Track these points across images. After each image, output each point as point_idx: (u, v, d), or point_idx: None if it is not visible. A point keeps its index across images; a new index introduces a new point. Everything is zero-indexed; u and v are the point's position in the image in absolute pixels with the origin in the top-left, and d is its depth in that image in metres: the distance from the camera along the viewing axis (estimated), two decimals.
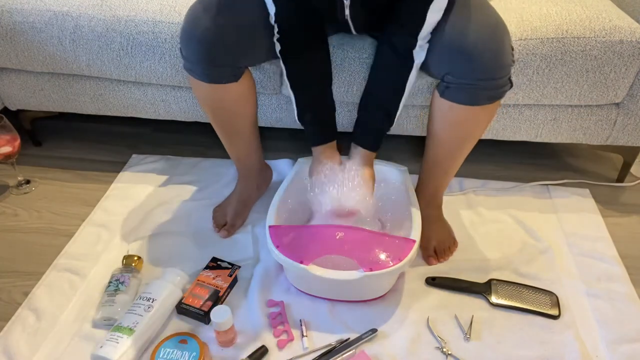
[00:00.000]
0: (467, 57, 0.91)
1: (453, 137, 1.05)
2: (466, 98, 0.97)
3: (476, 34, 0.91)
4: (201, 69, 1.00)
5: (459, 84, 0.95)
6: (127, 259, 1.12)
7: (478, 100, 0.97)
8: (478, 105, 0.97)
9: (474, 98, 0.96)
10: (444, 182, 1.17)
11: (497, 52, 0.92)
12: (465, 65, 0.92)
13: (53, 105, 1.41)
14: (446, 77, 0.96)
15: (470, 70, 0.93)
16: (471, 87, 0.95)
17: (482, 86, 0.94)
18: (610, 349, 0.98)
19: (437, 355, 0.98)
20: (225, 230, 1.22)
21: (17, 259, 1.18)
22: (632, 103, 1.23)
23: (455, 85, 0.96)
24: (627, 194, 1.40)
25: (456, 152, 1.08)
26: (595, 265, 1.16)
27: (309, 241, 1.01)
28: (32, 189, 1.39)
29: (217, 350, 0.98)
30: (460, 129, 1.03)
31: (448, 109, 1.00)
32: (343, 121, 1.33)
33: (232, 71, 1.02)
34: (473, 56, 0.91)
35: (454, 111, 0.99)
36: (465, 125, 1.02)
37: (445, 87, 0.98)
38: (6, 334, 1.00)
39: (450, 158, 1.10)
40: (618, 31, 1.11)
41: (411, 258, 0.98)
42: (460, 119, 1.01)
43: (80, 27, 1.21)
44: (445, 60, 0.95)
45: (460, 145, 1.07)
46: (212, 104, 1.08)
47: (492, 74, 0.93)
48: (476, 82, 0.94)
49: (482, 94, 0.96)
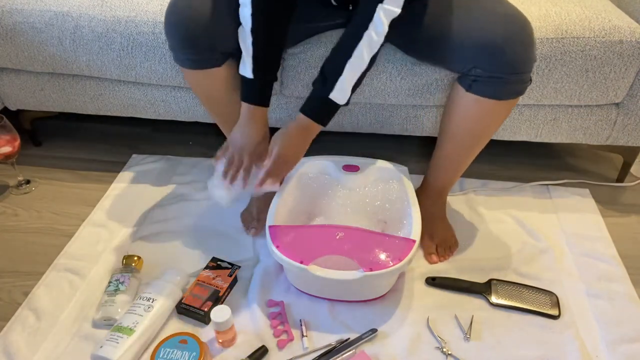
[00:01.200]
0: (499, 50, 0.92)
1: (470, 132, 1.06)
2: (493, 92, 0.97)
3: (507, 28, 0.92)
4: (184, 55, 1.02)
5: (488, 77, 0.96)
6: (127, 259, 1.12)
7: (503, 94, 0.98)
8: (503, 100, 0.98)
9: (500, 92, 0.97)
10: (452, 180, 1.18)
11: (527, 45, 0.93)
12: (496, 58, 0.93)
13: (53, 105, 1.41)
14: (473, 70, 0.97)
15: (500, 63, 0.93)
16: (500, 80, 0.95)
17: (511, 80, 0.95)
18: (610, 349, 0.98)
19: (437, 355, 0.98)
20: (254, 228, 1.22)
21: (17, 259, 1.18)
22: (632, 103, 1.23)
23: (483, 79, 0.96)
24: (627, 194, 1.40)
25: (471, 149, 1.09)
26: (595, 265, 1.16)
27: (309, 241, 1.01)
28: (32, 189, 1.39)
29: (217, 350, 0.98)
30: (480, 123, 1.04)
31: (472, 103, 1.00)
32: (342, 121, 1.33)
33: (213, 56, 1.03)
34: (505, 49, 0.92)
35: (478, 105, 1.00)
36: (485, 120, 1.03)
37: (473, 80, 0.98)
38: (6, 334, 1.00)
39: (463, 155, 1.10)
40: (618, 31, 1.11)
41: (411, 258, 0.98)
42: (483, 113, 1.01)
43: (81, 27, 1.21)
44: (474, 53, 0.95)
45: (477, 141, 1.07)
46: (202, 91, 1.10)
47: (521, 68, 0.94)
48: (505, 75, 0.94)
49: (510, 88, 0.97)
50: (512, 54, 0.93)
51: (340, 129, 1.36)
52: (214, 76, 1.06)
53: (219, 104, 1.12)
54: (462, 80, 1.01)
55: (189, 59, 1.03)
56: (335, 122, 1.33)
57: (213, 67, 1.04)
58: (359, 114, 1.31)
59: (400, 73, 1.18)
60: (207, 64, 1.04)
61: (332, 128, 1.35)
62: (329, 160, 1.20)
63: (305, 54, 1.19)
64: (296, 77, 1.22)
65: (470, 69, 0.97)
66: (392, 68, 1.18)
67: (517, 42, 0.92)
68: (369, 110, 1.30)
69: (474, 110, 1.02)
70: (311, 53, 1.18)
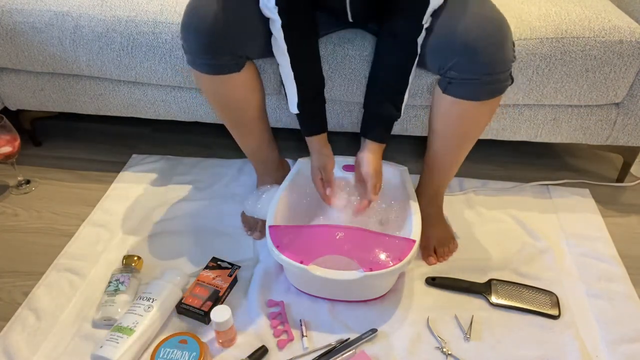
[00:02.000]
0: (470, 52, 0.91)
1: (455, 133, 1.05)
2: (469, 93, 0.97)
3: (479, 29, 0.91)
4: (202, 60, 1.00)
5: (462, 79, 0.95)
6: (127, 259, 1.12)
7: (480, 95, 0.97)
8: (480, 101, 0.98)
9: (477, 93, 0.97)
10: (445, 181, 1.17)
11: (500, 46, 0.92)
12: (469, 60, 0.93)
13: (53, 105, 1.41)
14: (449, 72, 0.97)
15: (473, 65, 0.93)
16: (474, 82, 0.95)
17: (485, 81, 0.95)
18: (610, 349, 0.98)
19: (437, 355, 0.98)
20: (258, 232, 1.22)
21: (17, 259, 1.18)
22: (632, 103, 1.23)
23: (458, 81, 0.96)
24: (627, 194, 1.40)
25: (458, 149, 1.08)
26: (595, 265, 1.16)
27: (309, 241, 1.01)
28: (32, 189, 1.39)
29: (217, 350, 0.98)
30: (462, 125, 1.03)
31: (450, 105, 1.00)
32: (343, 121, 1.33)
33: (233, 60, 1.01)
34: (477, 50, 0.91)
35: (456, 107, 1.00)
36: (467, 121, 1.03)
37: (448, 82, 0.98)
38: (6, 334, 1.00)
39: (452, 155, 1.10)
40: (617, 31, 1.11)
41: (411, 258, 0.98)
42: (463, 114, 1.01)
43: (81, 27, 1.21)
44: (448, 55, 0.95)
45: (462, 141, 1.07)
46: (217, 97, 1.08)
47: (495, 69, 0.93)
48: (479, 76, 0.94)
49: (485, 89, 0.96)
50: (485, 55, 0.92)
51: (341, 129, 1.36)
52: (233, 81, 1.04)
53: (235, 110, 1.11)
54: (440, 82, 1.01)
55: (207, 64, 1.00)
56: (335, 122, 1.33)
57: (233, 72, 1.02)
58: (359, 114, 1.31)
59: None
60: (227, 69, 1.02)
61: (332, 128, 1.35)
62: None
63: None
64: None
65: (446, 71, 0.97)
66: None
67: (490, 43, 0.91)
68: None
69: (453, 111, 1.01)
70: None
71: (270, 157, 1.25)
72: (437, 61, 0.98)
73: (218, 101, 1.09)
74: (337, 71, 1.19)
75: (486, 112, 1.02)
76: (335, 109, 1.30)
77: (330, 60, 1.18)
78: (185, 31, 0.99)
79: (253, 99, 1.10)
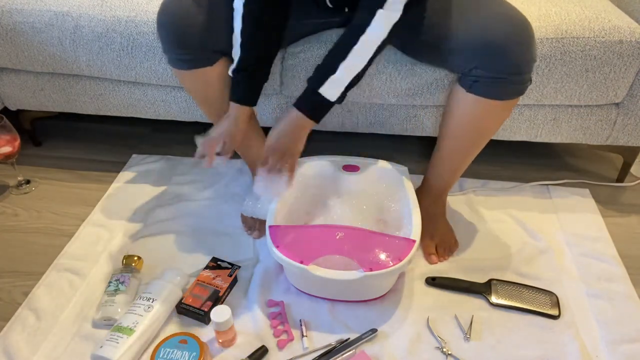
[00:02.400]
0: (499, 51, 0.92)
1: (471, 132, 1.06)
2: (494, 92, 0.98)
3: (508, 28, 0.92)
4: (175, 55, 1.04)
5: (489, 77, 0.96)
6: (127, 259, 1.12)
7: (505, 94, 0.98)
8: (503, 100, 0.98)
9: (503, 92, 0.98)
10: (452, 180, 1.18)
11: (528, 45, 0.93)
12: (497, 59, 0.93)
13: (53, 105, 1.41)
14: (474, 71, 0.97)
15: (501, 64, 0.94)
16: (501, 81, 0.96)
17: (511, 80, 0.96)
18: (610, 349, 0.98)
19: (437, 355, 0.98)
20: (257, 231, 1.22)
21: (17, 259, 1.18)
22: (632, 103, 1.23)
23: (484, 80, 0.97)
24: (627, 194, 1.40)
25: (471, 149, 1.09)
26: (595, 265, 1.16)
27: (309, 241, 1.01)
28: (32, 189, 1.39)
29: (217, 350, 0.98)
30: (480, 123, 1.04)
31: (473, 104, 1.01)
32: (343, 121, 1.33)
33: (203, 54, 1.03)
34: (506, 49, 0.92)
35: (479, 106, 1.00)
36: (485, 120, 1.03)
37: (474, 81, 0.98)
38: (6, 334, 1.00)
39: (464, 155, 1.11)
40: (617, 31, 1.11)
41: (411, 258, 0.98)
42: (483, 113, 1.01)
43: (81, 27, 1.21)
44: (475, 54, 0.95)
45: (477, 141, 1.08)
46: (197, 93, 1.12)
47: (521, 68, 0.95)
48: (506, 75, 0.95)
49: (510, 89, 0.97)
50: (514, 55, 0.93)
51: (341, 129, 1.36)
52: (207, 76, 1.07)
53: (214, 104, 1.12)
54: (463, 81, 1.01)
55: (181, 59, 1.04)
56: (336, 122, 1.33)
57: (205, 66, 1.05)
58: (359, 114, 1.31)
59: (400, 73, 1.18)
60: (200, 63, 1.04)
61: (332, 128, 1.36)
62: (329, 160, 1.20)
63: (305, 54, 1.19)
64: (296, 77, 1.22)
65: (471, 70, 0.98)
66: (392, 68, 1.18)
67: (518, 43, 0.93)
68: (369, 110, 1.30)
69: (475, 110, 1.02)
70: (311, 53, 1.18)
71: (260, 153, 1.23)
72: (463, 60, 0.98)
73: (196, 95, 1.13)
74: None
75: (505, 112, 1.03)
76: (335, 109, 1.29)
77: None
78: (159, 29, 1.02)
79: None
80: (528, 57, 0.95)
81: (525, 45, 0.93)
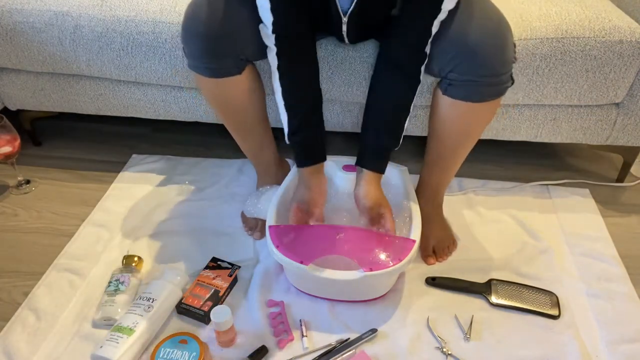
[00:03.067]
0: (471, 54, 0.92)
1: (455, 134, 1.05)
2: (468, 95, 0.97)
3: (479, 31, 0.91)
4: (203, 63, 1.00)
5: (462, 81, 0.96)
6: (127, 259, 1.12)
7: (480, 96, 0.97)
8: (480, 102, 0.98)
9: (477, 95, 0.97)
10: (445, 181, 1.17)
11: (500, 47, 0.92)
12: (469, 62, 0.93)
13: (53, 105, 1.41)
14: (449, 74, 0.97)
15: (473, 67, 0.93)
16: (474, 83, 0.95)
17: (485, 82, 0.95)
18: (610, 349, 0.98)
19: (437, 355, 0.98)
20: (259, 232, 1.21)
21: (17, 259, 1.18)
22: (632, 103, 1.23)
23: (458, 83, 0.96)
24: (627, 194, 1.40)
25: (458, 149, 1.08)
26: (595, 265, 1.16)
27: (309, 241, 1.01)
28: (32, 189, 1.39)
29: (217, 350, 0.98)
30: (461, 125, 1.03)
31: (450, 106, 1.00)
32: (343, 121, 1.33)
33: (234, 63, 1.02)
34: (477, 52, 0.91)
35: (456, 108, 1.00)
36: (466, 122, 1.03)
37: (448, 84, 0.98)
38: (6, 334, 1.00)
39: (451, 155, 1.10)
40: (618, 31, 1.11)
41: (411, 258, 0.98)
42: (462, 115, 1.01)
43: (81, 27, 1.21)
44: (449, 58, 0.95)
45: (462, 142, 1.07)
46: (218, 100, 1.08)
47: (495, 70, 0.93)
48: (479, 78, 0.94)
49: (485, 91, 0.97)
50: (485, 57, 0.92)
51: (341, 129, 1.36)
52: (233, 84, 1.04)
53: (237, 113, 1.11)
54: (440, 84, 1.02)
55: (208, 67, 1.01)
56: (336, 122, 1.33)
57: (233, 75, 1.03)
58: (359, 114, 1.31)
59: None
60: (228, 72, 1.02)
61: (332, 128, 1.36)
62: (329, 160, 1.19)
63: None
64: None
65: (447, 73, 0.97)
66: None
67: (489, 45, 0.91)
68: None
69: (453, 113, 1.01)
70: None
71: (270, 158, 1.25)
72: (438, 63, 0.98)
73: (219, 103, 1.09)
74: (337, 72, 1.19)
75: (486, 113, 1.02)
76: (335, 109, 1.30)
77: (331, 61, 1.18)
78: (186, 35, 0.99)
79: (254, 101, 1.10)
80: (502, 59, 0.93)
81: (497, 47, 0.92)
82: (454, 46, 0.93)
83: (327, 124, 1.34)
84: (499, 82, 0.96)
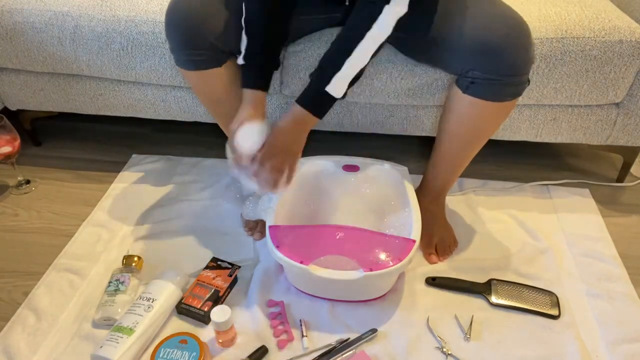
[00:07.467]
0: (496, 52, 0.92)
1: (468, 133, 1.06)
2: (490, 94, 0.98)
3: (504, 29, 0.92)
4: (183, 55, 1.03)
5: (485, 79, 0.96)
6: (127, 259, 1.12)
7: (502, 96, 0.98)
8: (500, 102, 0.98)
9: (498, 94, 0.97)
10: (451, 180, 1.18)
11: (524, 47, 0.93)
12: (494, 60, 0.93)
13: (53, 105, 1.41)
14: (471, 72, 0.97)
15: (497, 65, 0.93)
16: (497, 82, 0.95)
17: (508, 82, 0.95)
18: (610, 349, 0.98)
19: (437, 355, 0.98)
20: (259, 232, 1.21)
21: (17, 259, 1.18)
22: (632, 103, 1.23)
23: (481, 81, 0.97)
24: (627, 194, 1.40)
25: (469, 149, 1.09)
26: (595, 265, 1.16)
27: (309, 241, 1.01)
28: (32, 189, 1.39)
29: (217, 350, 0.98)
30: (477, 125, 1.04)
31: (469, 105, 1.01)
32: (343, 121, 1.33)
33: (213, 54, 1.03)
34: (502, 51, 0.92)
35: (475, 107, 1.00)
36: (482, 122, 1.03)
37: (470, 82, 0.98)
38: (6, 334, 1.00)
39: (462, 155, 1.11)
40: (617, 31, 1.11)
41: (411, 258, 0.98)
42: (480, 115, 1.01)
43: (81, 27, 1.21)
44: (472, 55, 0.95)
45: (474, 141, 1.08)
46: (204, 93, 1.11)
47: (518, 69, 0.94)
48: (502, 77, 0.95)
49: (507, 90, 0.97)
50: (510, 56, 0.93)
51: (341, 129, 1.36)
52: (215, 76, 1.06)
53: (220, 105, 1.12)
54: (460, 82, 1.01)
55: (189, 60, 1.04)
56: (336, 122, 1.33)
57: (213, 67, 1.05)
58: (359, 114, 1.31)
59: (401, 73, 1.18)
60: (208, 64, 1.04)
61: (332, 128, 1.36)
62: (329, 160, 1.20)
63: (306, 53, 1.19)
64: (296, 76, 1.22)
65: (467, 71, 0.98)
66: (393, 68, 1.18)
67: (514, 44, 0.92)
68: (369, 110, 1.30)
69: (472, 111, 1.02)
70: (311, 52, 1.18)
71: None
72: (460, 61, 0.98)
73: (204, 97, 1.13)
74: None
75: (502, 113, 1.03)
76: (335, 109, 1.30)
77: None
78: (167, 29, 1.02)
79: (235, 93, 1.08)
80: (525, 59, 0.94)
81: (521, 47, 0.93)
82: (478, 44, 0.93)
83: (327, 124, 1.34)
84: (519, 82, 0.97)
